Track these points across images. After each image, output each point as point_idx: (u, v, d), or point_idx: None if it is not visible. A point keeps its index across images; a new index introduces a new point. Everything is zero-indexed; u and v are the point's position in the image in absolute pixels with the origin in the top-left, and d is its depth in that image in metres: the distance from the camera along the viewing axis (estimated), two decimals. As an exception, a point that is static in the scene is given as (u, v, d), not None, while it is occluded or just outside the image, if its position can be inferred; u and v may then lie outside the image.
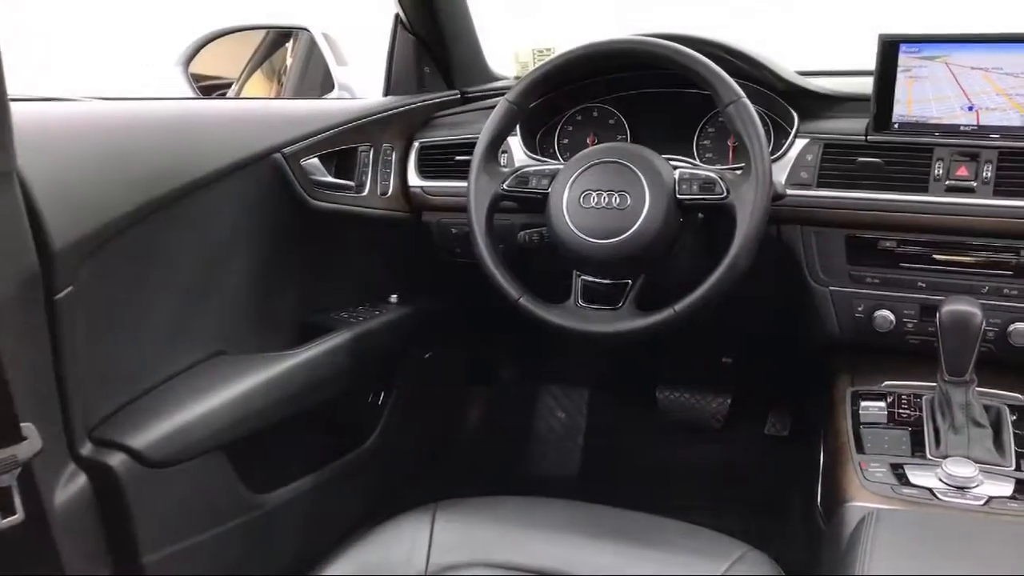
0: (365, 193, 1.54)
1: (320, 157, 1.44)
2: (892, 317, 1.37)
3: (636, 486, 2.01)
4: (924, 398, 1.27)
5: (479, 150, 1.37)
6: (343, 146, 1.49)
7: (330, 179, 1.46)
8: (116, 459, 1.08)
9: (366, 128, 1.54)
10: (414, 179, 1.62)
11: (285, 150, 1.36)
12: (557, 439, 2.13)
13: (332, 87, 1.80)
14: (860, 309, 1.39)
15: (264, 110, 1.54)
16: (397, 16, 1.71)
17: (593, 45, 1.34)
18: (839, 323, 1.41)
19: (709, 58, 1.29)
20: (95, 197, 1.08)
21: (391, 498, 1.42)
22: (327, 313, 1.52)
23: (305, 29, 1.86)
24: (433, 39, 1.74)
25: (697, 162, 1.52)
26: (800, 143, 1.40)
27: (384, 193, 1.58)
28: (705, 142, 1.55)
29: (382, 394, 1.62)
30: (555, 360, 2.13)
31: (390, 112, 1.60)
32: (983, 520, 1.03)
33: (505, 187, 1.37)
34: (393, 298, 1.64)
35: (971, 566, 0.88)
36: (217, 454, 1.21)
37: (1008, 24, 1.34)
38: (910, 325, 1.36)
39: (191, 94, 1.82)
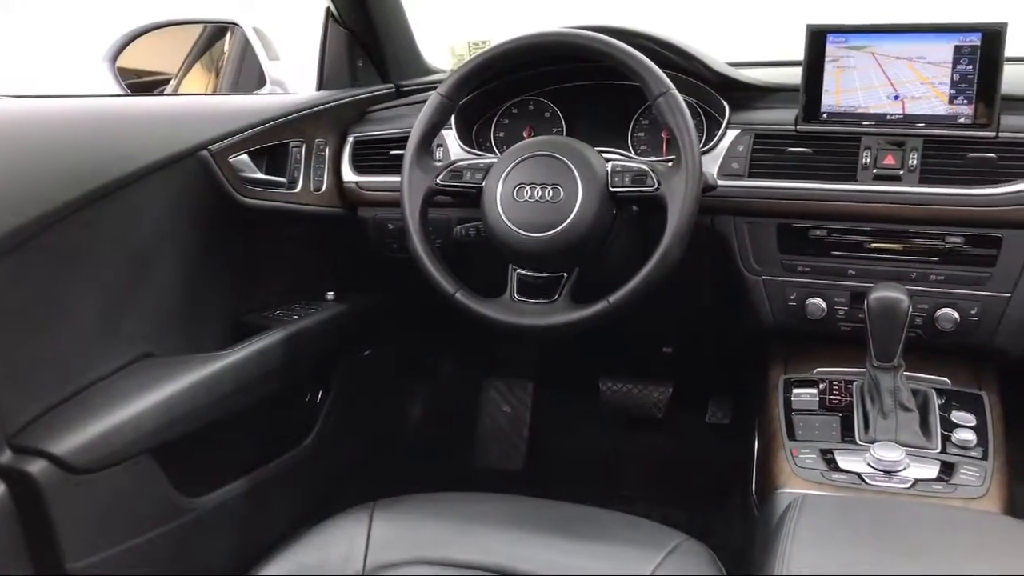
0: (298, 189, 1.52)
1: (250, 154, 1.42)
2: (824, 305, 1.38)
3: (581, 478, 2.02)
4: (855, 384, 1.29)
5: (411, 144, 1.36)
6: (274, 142, 1.47)
7: (260, 176, 1.44)
8: (37, 466, 1.05)
9: (298, 123, 1.52)
10: (348, 174, 1.61)
11: (212, 147, 1.34)
12: (501, 433, 2.13)
13: (264, 83, 1.77)
14: (792, 297, 1.40)
15: (191, 106, 1.51)
16: (328, 9, 1.68)
17: (523, 38, 1.33)
18: (772, 311, 1.42)
19: (640, 50, 1.29)
20: (9, 197, 1.05)
21: (330, 498, 1.40)
22: (261, 312, 1.50)
23: (235, 24, 1.82)
24: (365, 32, 1.72)
25: (632, 154, 1.52)
26: (732, 134, 1.41)
27: (318, 189, 1.56)
28: (640, 134, 1.55)
29: (319, 393, 1.60)
30: (498, 354, 2.13)
31: (323, 107, 1.58)
32: (908, 503, 1.05)
33: (439, 181, 1.35)
34: (329, 295, 1.62)
35: (889, 549, 0.89)
36: (145, 458, 1.18)
37: (933, 14, 1.36)
38: (841, 312, 1.38)
39: (118, 91, 1.77)
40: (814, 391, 1.31)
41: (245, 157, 1.40)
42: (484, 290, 1.34)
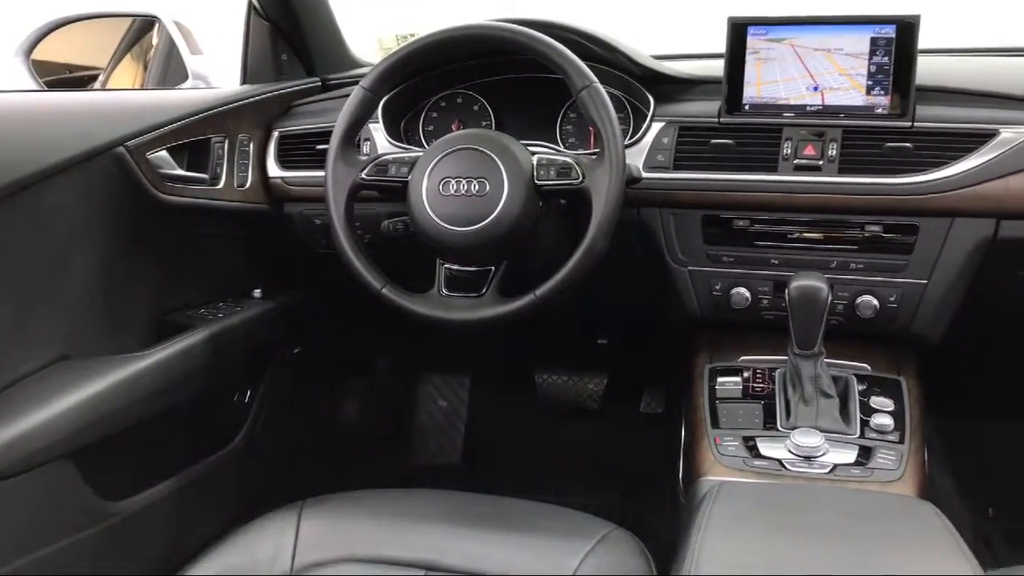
0: (221, 185, 1.49)
1: (170, 150, 1.39)
2: (748, 294, 1.40)
3: (518, 470, 2.02)
4: (777, 371, 1.31)
5: (335, 139, 1.34)
6: (195, 137, 1.44)
7: (181, 172, 1.41)
8: None
9: (220, 118, 1.49)
10: (274, 169, 1.58)
11: (128, 143, 1.31)
12: (438, 429, 2.12)
13: (186, 77, 1.73)
14: (717, 287, 1.42)
15: (108, 102, 1.48)
16: (250, 2, 1.65)
17: (445, 31, 1.32)
18: (698, 301, 1.44)
19: (564, 43, 1.29)
20: None
21: (262, 499, 1.38)
22: (185, 311, 1.47)
23: (154, 17, 1.78)
24: (289, 25, 1.69)
25: (561, 147, 1.53)
26: (656, 126, 1.42)
27: (242, 185, 1.53)
28: (568, 127, 1.56)
29: (248, 392, 1.58)
30: (434, 348, 2.12)
31: (246, 101, 1.55)
32: (824, 488, 1.07)
33: (363, 176, 1.34)
34: (256, 293, 1.60)
35: (798, 533, 0.90)
36: (63, 463, 1.15)
37: (851, 6, 1.39)
38: (765, 301, 1.40)
39: (33, 86, 1.72)
40: (738, 379, 1.33)
41: (164, 153, 1.37)
42: (414, 285, 1.33)
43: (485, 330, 1.29)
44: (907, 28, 1.31)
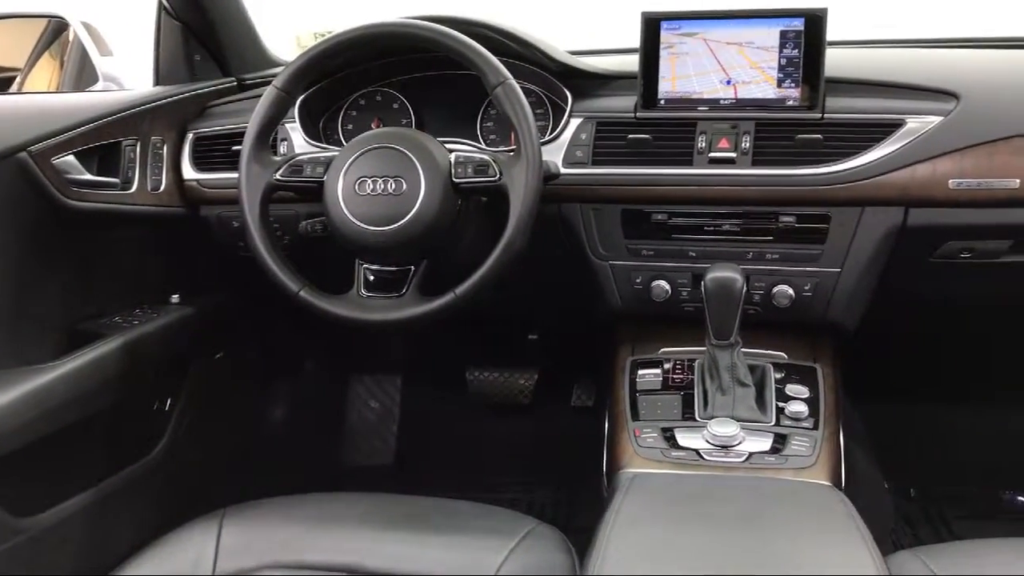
0: (133, 190, 1.46)
1: (78, 154, 1.35)
2: (667, 287, 1.42)
3: (452, 468, 2.02)
4: (696, 362, 1.33)
5: (248, 140, 1.32)
6: (105, 141, 1.41)
7: (89, 177, 1.37)
8: None
9: (131, 121, 1.46)
10: (189, 172, 1.55)
11: (32, 148, 1.27)
12: (370, 429, 2.11)
13: (96, 79, 1.69)
14: (638, 281, 1.43)
15: (10, 106, 1.43)
16: (160, 2, 1.61)
17: (357, 29, 1.31)
18: (620, 295, 1.45)
19: (479, 40, 1.29)
20: None
21: (187, 508, 1.36)
22: (98, 319, 1.43)
23: (60, 18, 1.73)
24: (201, 25, 1.65)
25: (482, 144, 1.52)
26: (575, 122, 1.43)
27: (156, 189, 1.50)
28: (489, 124, 1.55)
29: (168, 400, 1.54)
30: (364, 348, 2.10)
31: (158, 103, 1.52)
32: (734, 476, 1.09)
33: (278, 177, 1.32)
34: (174, 298, 1.56)
35: (703, 525, 0.92)
36: None
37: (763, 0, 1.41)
38: (684, 293, 1.42)
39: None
40: (658, 371, 1.34)
41: (71, 158, 1.33)
42: (335, 286, 1.32)
43: (404, 331, 1.28)
44: (815, 21, 1.33)
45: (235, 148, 1.51)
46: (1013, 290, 1.45)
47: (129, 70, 1.72)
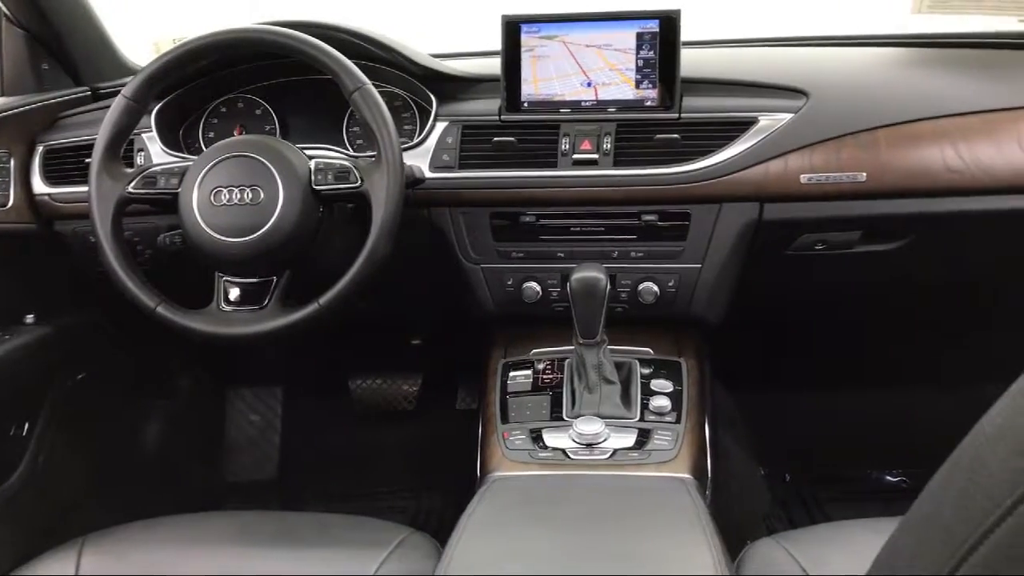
0: None
1: None
2: (538, 288, 1.43)
3: (337, 478, 1.99)
4: (567, 362, 1.34)
5: (97, 152, 1.27)
6: None
7: None
8: None
9: None
10: (40, 186, 1.49)
11: None
12: (251, 444, 2.06)
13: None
14: (510, 283, 1.44)
15: None
16: (0, 9, 1.54)
17: (209, 36, 1.27)
18: (492, 298, 1.45)
19: (339, 45, 1.28)
20: None
21: (47, 538, 1.29)
22: None
23: None
24: (47, 33, 1.58)
25: (349, 150, 1.50)
26: (440, 126, 1.42)
27: (3, 205, 1.43)
28: (355, 129, 1.54)
29: (26, 424, 1.47)
30: (241, 361, 2.05)
31: (3, 114, 1.45)
32: (594, 475, 1.10)
33: (130, 189, 1.28)
34: (29, 318, 1.49)
35: (551, 526, 0.92)
36: None
37: (619, 2, 1.43)
38: (555, 294, 1.43)
39: None
40: (529, 372, 1.35)
41: None
42: (200, 301, 1.28)
43: (267, 343, 1.25)
44: (669, 22, 1.36)
45: (88, 160, 1.45)
46: (867, 278, 1.52)
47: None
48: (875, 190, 1.31)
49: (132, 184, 1.28)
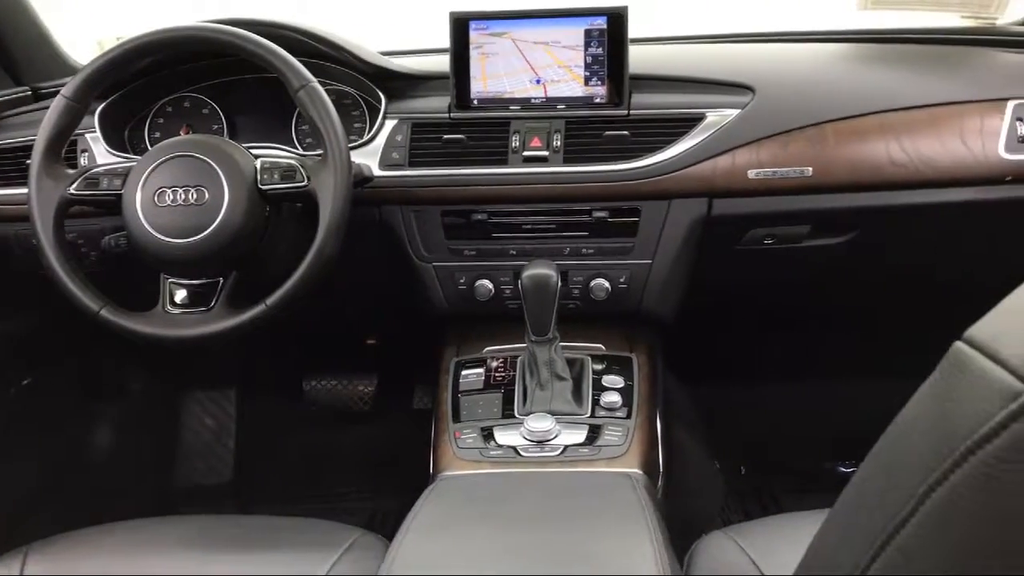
0: None
1: None
2: (491, 286, 1.43)
3: (293, 480, 1.98)
4: (519, 359, 1.34)
5: (36, 153, 1.25)
6: None
7: None
8: None
9: None
10: None
11: None
12: (205, 446, 2.03)
13: None
14: (462, 281, 1.43)
15: None
16: (-67, 7, 1.50)
17: (150, 34, 1.25)
18: (445, 296, 1.45)
19: (285, 43, 1.26)
20: None
21: None
22: None
23: None
24: None
25: (299, 149, 1.49)
26: (390, 124, 1.41)
27: None
28: (304, 127, 1.52)
29: None
30: (193, 362, 2.02)
31: None
32: (542, 472, 1.10)
33: (72, 191, 1.25)
34: None
35: (495, 525, 0.92)
36: None
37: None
38: (507, 291, 1.43)
39: None
40: (481, 371, 1.35)
41: None
42: (146, 303, 1.26)
43: (213, 346, 1.24)
44: (617, 19, 1.37)
45: (29, 162, 1.42)
46: (817, 271, 1.53)
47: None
48: (822, 184, 1.33)
49: (74, 186, 1.26)
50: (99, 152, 1.45)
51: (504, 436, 1.19)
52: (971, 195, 1.35)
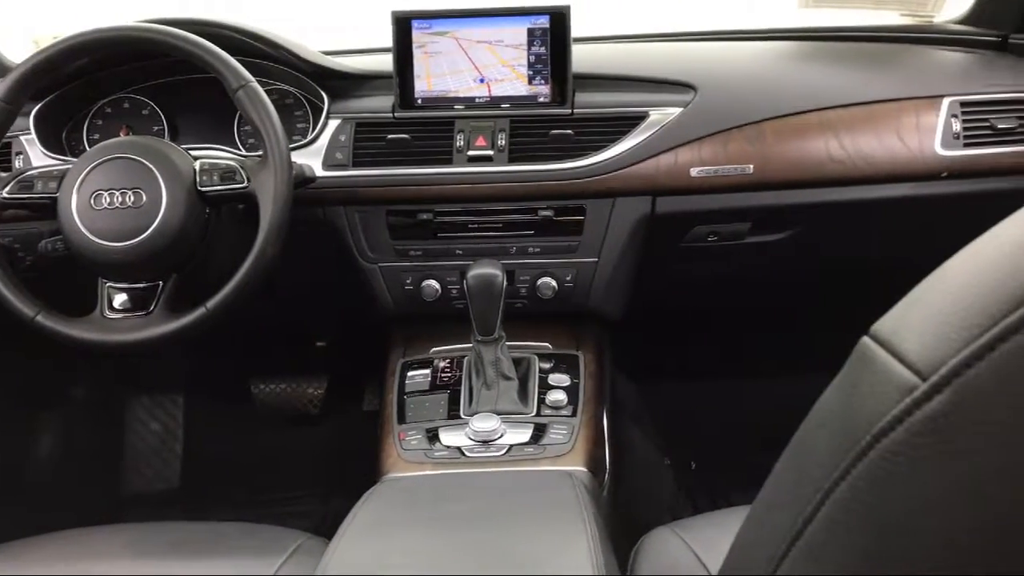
0: None
1: None
2: (437, 286, 1.42)
3: (242, 485, 1.95)
4: (466, 359, 1.34)
5: None
6: None
7: None
8: None
9: None
10: None
11: None
12: (152, 452, 2.00)
13: None
14: (408, 282, 1.43)
15: None
16: None
17: (85, 33, 1.23)
18: (391, 297, 1.44)
19: (222, 42, 1.25)
20: None
21: None
22: None
23: None
24: None
25: (241, 150, 1.47)
26: (333, 124, 1.40)
27: None
28: (246, 128, 1.50)
29: None
30: (138, 367, 1.99)
31: None
32: (485, 472, 1.10)
33: (5, 194, 1.23)
34: None
35: (433, 527, 0.92)
36: None
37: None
38: (454, 291, 1.42)
39: None
40: (427, 371, 1.34)
41: None
42: (85, 308, 1.24)
43: (153, 350, 1.22)
44: (559, 18, 1.37)
45: None
46: (760, 267, 1.55)
47: None
48: (762, 181, 1.34)
49: (6, 189, 1.23)
50: (34, 154, 1.41)
51: (449, 437, 1.19)
52: (908, 191, 1.37)
